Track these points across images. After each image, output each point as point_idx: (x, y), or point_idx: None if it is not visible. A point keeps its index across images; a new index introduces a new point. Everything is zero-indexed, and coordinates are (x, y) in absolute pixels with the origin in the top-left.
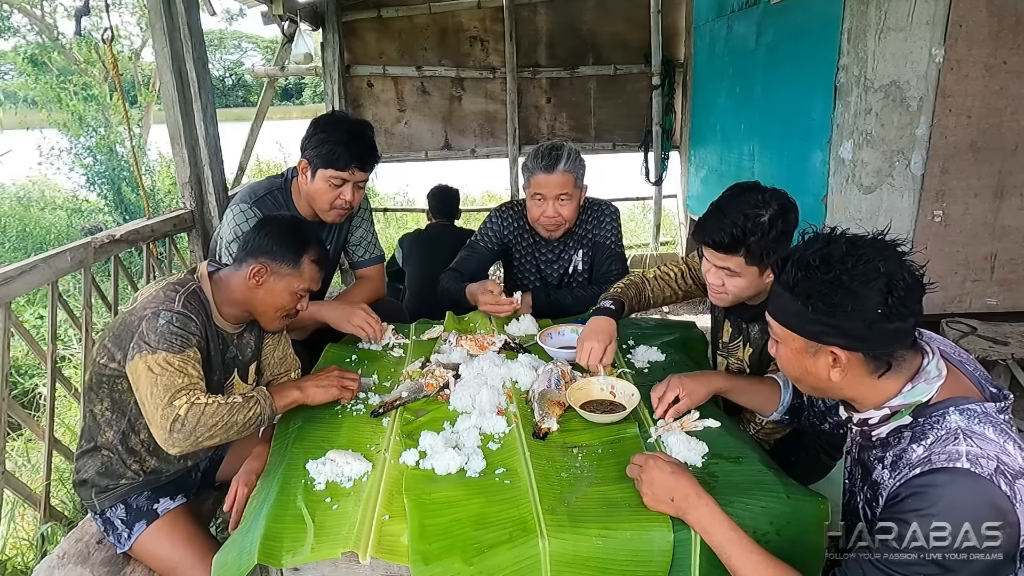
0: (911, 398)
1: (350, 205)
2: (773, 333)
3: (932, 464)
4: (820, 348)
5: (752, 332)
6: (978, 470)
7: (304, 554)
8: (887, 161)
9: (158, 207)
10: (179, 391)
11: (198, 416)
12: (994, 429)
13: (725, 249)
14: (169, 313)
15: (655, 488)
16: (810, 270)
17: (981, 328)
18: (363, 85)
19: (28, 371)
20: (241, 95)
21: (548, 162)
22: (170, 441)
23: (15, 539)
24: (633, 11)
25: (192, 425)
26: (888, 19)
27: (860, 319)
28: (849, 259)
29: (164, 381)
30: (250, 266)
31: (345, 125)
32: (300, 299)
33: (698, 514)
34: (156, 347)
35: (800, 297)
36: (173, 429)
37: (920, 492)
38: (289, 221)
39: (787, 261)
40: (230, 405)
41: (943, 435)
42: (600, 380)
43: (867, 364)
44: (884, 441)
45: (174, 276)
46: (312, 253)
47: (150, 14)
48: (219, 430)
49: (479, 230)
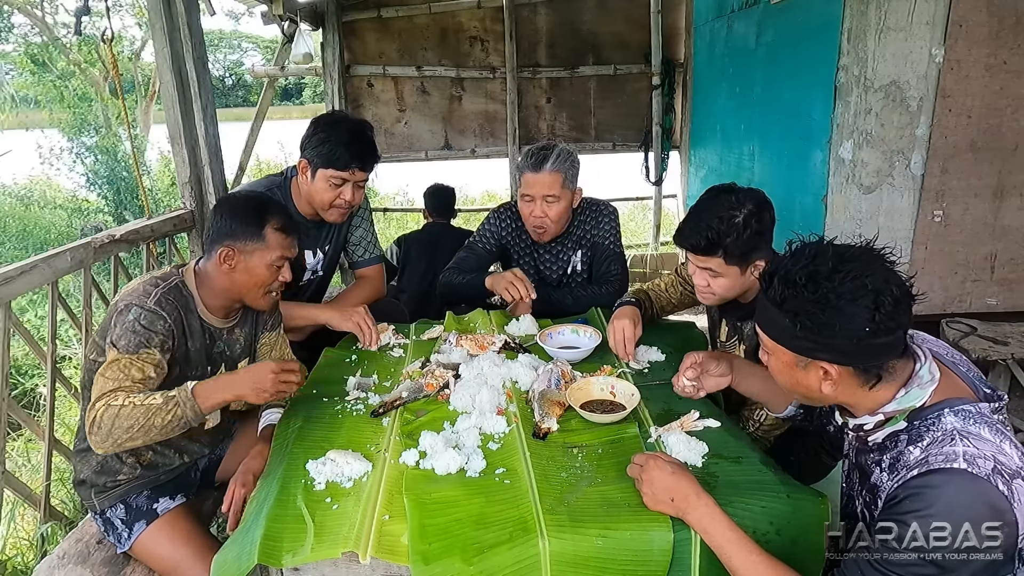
0: (904, 403)
1: (350, 204)
2: (763, 344)
3: (929, 465)
4: (810, 363)
5: (745, 330)
6: (975, 470)
7: (304, 554)
8: (887, 161)
9: (156, 207)
10: (111, 392)
11: (112, 419)
12: (990, 429)
13: (703, 252)
14: (139, 309)
15: (655, 488)
16: (797, 288)
17: (981, 328)
18: (363, 85)
19: (28, 371)
20: (241, 95)
21: (535, 161)
22: (92, 440)
23: (15, 539)
24: (633, 11)
25: (108, 427)
26: (888, 19)
27: (847, 336)
28: (836, 276)
29: (101, 383)
30: (217, 252)
31: (345, 125)
32: (279, 270)
33: (698, 514)
34: (116, 343)
35: (788, 314)
36: (91, 431)
37: (918, 493)
38: (243, 197)
39: (773, 276)
40: (147, 407)
41: (939, 437)
42: (600, 380)
43: (857, 377)
44: (881, 445)
45: (160, 270)
46: (274, 222)
47: (150, 14)
48: (138, 432)
49: (477, 231)
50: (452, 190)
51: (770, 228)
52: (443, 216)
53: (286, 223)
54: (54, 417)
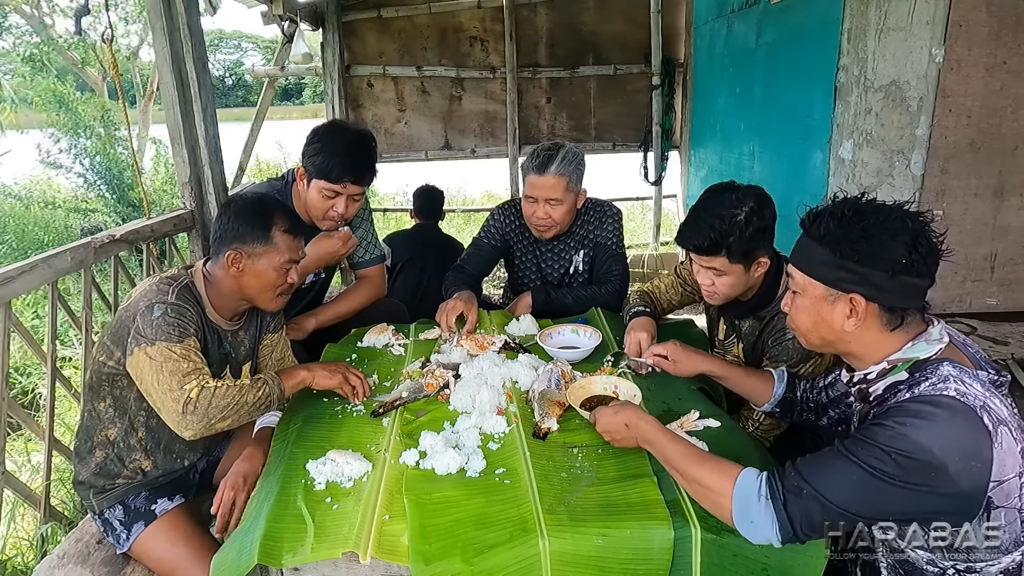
0: (910, 354)
1: (343, 217)
2: (793, 284)
3: (919, 394)
4: (840, 296)
5: (743, 328)
6: (965, 400)
7: (304, 554)
8: (887, 161)
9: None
10: (187, 375)
11: (209, 398)
12: (982, 387)
13: (706, 252)
14: (163, 305)
15: (611, 429)
16: (843, 219)
17: (981, 328)
18: (363, 85)
19: (28, 371)
20: (241, 95)
21: (540, 163)
22: (184, 424)
23: (15, 539)
24: (633, 11)
25: (204, 407)
26: (888, 19)
27: (884, 269)
28: (881, 213)
29: (169, 367)
30: (225, 255)
31: (343, 137)
32: (287, 272)
33: (642, 432)
34: (154, 338)
35: (829, 245)
36: (186, 412)
37: (904, 407)
38: (249, 200)
39: (818, 215)
40: (240, 387)
41: (934, 380)
42: (603, 379)
43: (881, 316)
44: (880, 397)
45: (168, 271)
46: (281, 224)
47: (150, 14)
48: (231, 411)
49: (482, 228)
50: (441, 192)
51: (771, 224)
52: (430, 218)
53: (293, 225)
54: (54, 417)
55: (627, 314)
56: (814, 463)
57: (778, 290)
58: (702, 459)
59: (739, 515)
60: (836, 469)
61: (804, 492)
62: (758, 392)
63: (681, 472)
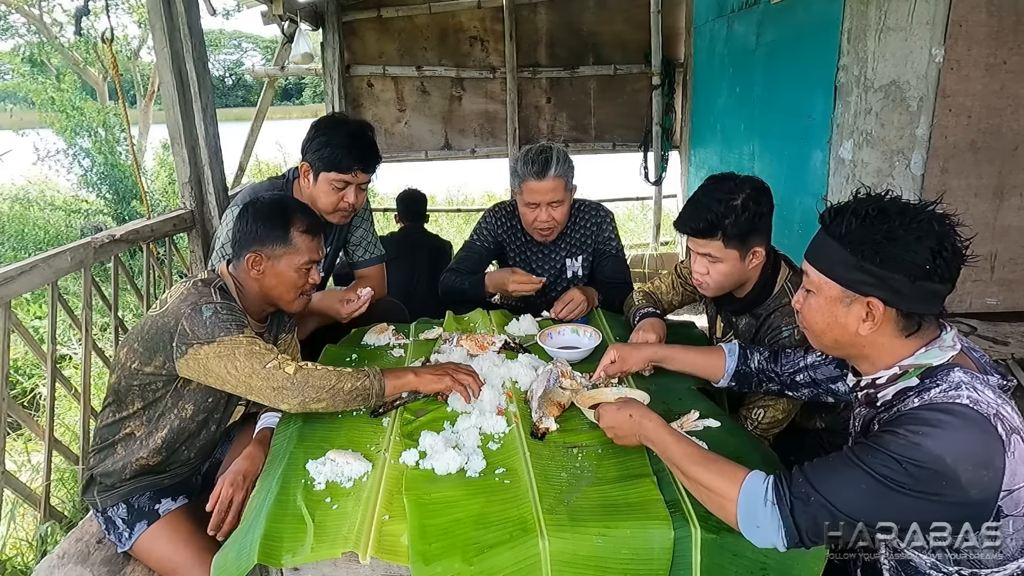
0: (923, 359)
1: (353, 207)
2: (808, 282)
3: (932, 401)
4: (856, 299)
5: (740, 326)
6: (978, 408)
7: (304, 554)
8: (887, 161)
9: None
10: (266, 353)
11: (307, 377)
12: (993, 393)
13: (702, 234)
14: (212, 304)
15: (614, 424)
16: (867, 219)
17: (981, 328)
18: (363, 85)
19: (28, 371)
20: (241, 95)
21: (538, 169)
22: (279, 398)
23: (15, 539)
24: (633, 11)
25: (302, 384)
26: (888, 19)
27: (906, 273)
28: (906, 214)
29: (243, 352)
30: (245, 258)
31: (346, 127)
32: (308, 272)
33: (645, 428)
34: (213, 336)
35: (849, 246)
36: (283, 387)
37: (916, 415)
38: (267, 202)
39: (839, 212)
40: (338, 372)
41: (945, 387)
42: (613, 391)
43: (898, 321)
44: (888, 403)
45: (198, 275)
46: (300, 225)
47: (150, 14)
48: (326, 393)
49: (475, 230)
50: (423, 195)
51: (768, 213)
52: (415, 221)
53: (311, 224)
54: (54, 417)
55: (634, 315)
56: (823, 469)
57: (775, 287)
58: (707, 460)
59: (744, 520)
60: (845, 476)
61: (812, 499)
62: (710, 369)
63: (685, 473)
